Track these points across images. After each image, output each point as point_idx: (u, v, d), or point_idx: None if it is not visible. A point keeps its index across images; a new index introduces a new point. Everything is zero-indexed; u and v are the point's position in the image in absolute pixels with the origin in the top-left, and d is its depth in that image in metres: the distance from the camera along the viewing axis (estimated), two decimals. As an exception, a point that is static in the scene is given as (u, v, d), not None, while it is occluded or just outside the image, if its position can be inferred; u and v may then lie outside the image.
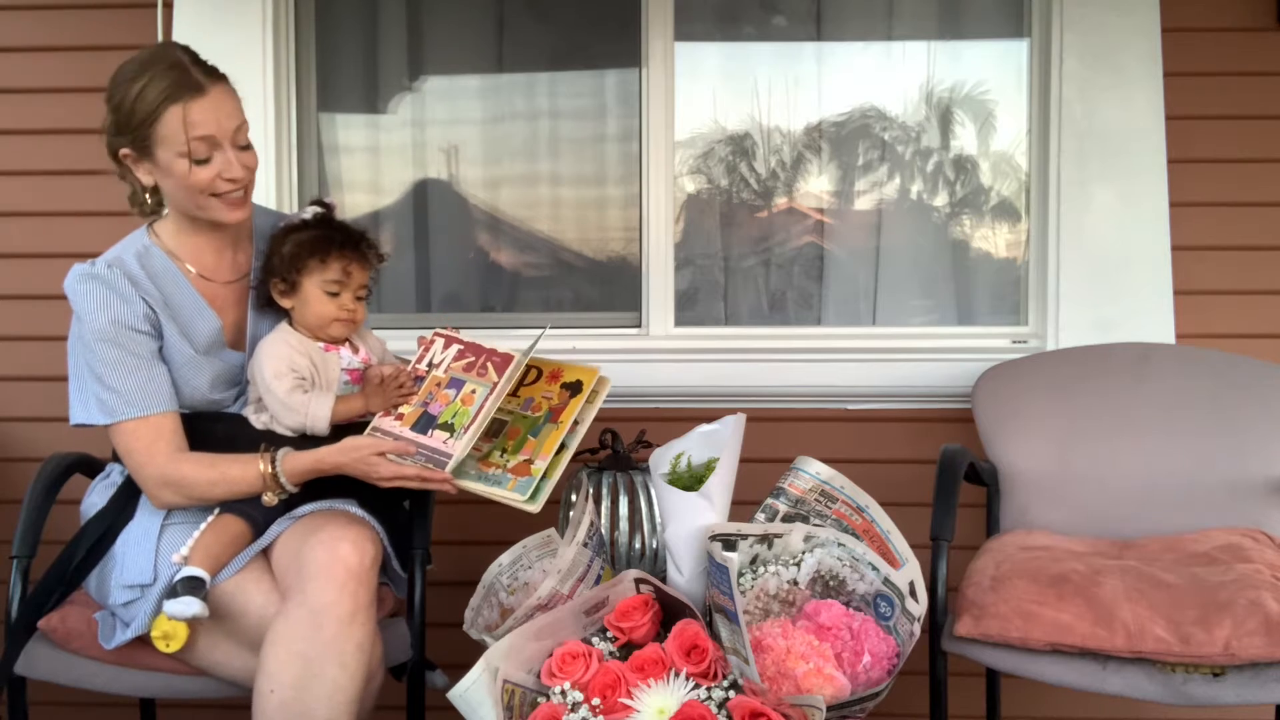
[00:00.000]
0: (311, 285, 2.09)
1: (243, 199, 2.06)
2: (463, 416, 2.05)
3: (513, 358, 2.12)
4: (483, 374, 2.11)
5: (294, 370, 2.06)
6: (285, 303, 2.10)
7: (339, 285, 2.10)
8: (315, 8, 2.99)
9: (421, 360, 2.16)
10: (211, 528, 2.00)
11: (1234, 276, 2.74)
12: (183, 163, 1.98)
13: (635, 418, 2.66)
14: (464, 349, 2.15)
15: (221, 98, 2.00)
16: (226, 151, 2.00)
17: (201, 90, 1.97)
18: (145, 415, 2.00)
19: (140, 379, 2.00)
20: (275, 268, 2.10)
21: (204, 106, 1.97)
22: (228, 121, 2.00)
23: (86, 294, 2.00)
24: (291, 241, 2.10)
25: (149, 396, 2.01)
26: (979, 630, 2.01)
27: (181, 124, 1.96)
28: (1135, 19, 2.72)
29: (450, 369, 2.13)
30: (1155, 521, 2.39)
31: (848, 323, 2.99)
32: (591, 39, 3.05)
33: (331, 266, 2.09)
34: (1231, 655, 1.87)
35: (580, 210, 3.09)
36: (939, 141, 3.02)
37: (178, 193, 2.04)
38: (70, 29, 2.86)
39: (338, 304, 2.10)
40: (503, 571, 2.09)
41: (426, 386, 2.12)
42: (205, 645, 1.97)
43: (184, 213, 2.08)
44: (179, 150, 1.97)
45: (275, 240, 2.12)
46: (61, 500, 2.15)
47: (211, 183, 2.00)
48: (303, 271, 2.08)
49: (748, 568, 1.83)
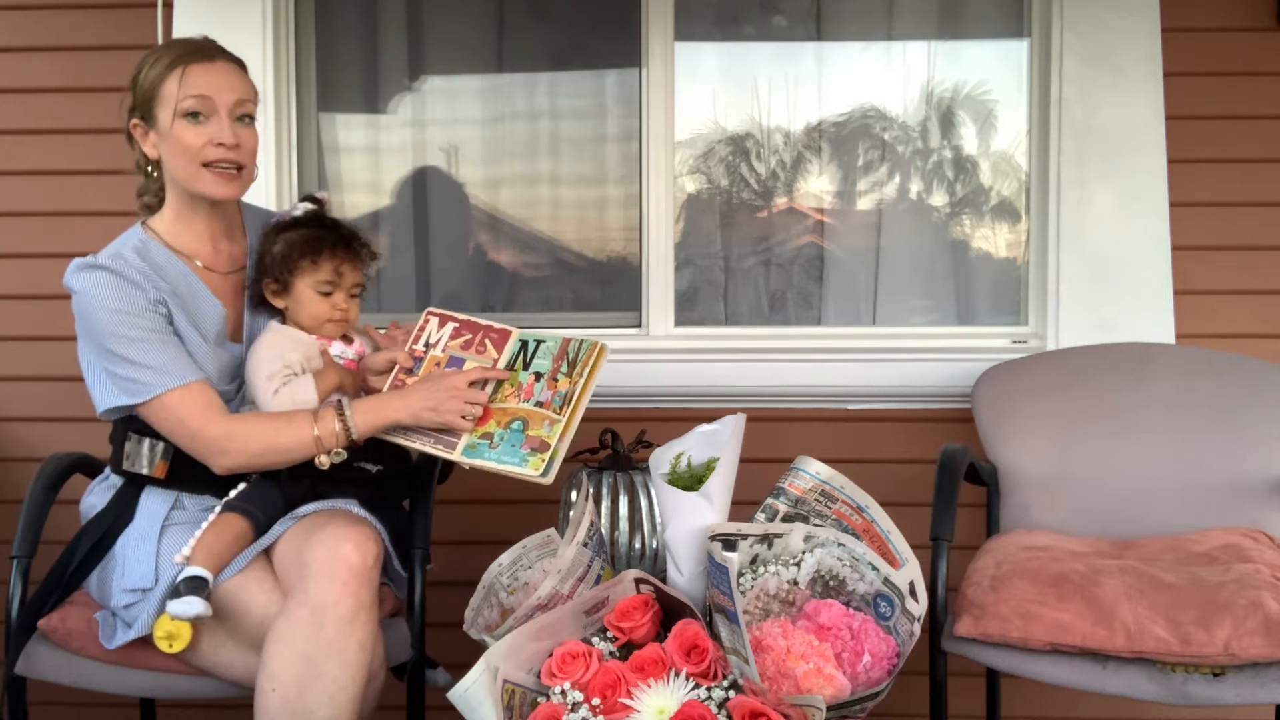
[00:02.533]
0: (304, 285, 2.08)
1: (235, 175, 2.05)
2: None
3: (510, 332, 2.11)
4: (481, 350, 2.11)
5: (287, 367, 2.05)
6: (278, 303, 2.10)
7: (331, 285, 2.09)
8: (315, 8, 2.99)
9: (418, 341, 2.16)
10: (213, 527, 1.99)
11: (1234, 276, 2.74)
12: (178, 122, 2.00)
13: (635, 418, 2.66)
14: (460, 326, 2.15)
15: (227, 69, 2.04)
16: (222, 118, 2.01)
17: (209, 56, 2.03)
18: (186, 383, 1.98)
19: (170, 351, 1.99)
20: (268, 267, 2.09)
21: (206, 69, 2.02)
22: (228, 92, 2.02)
23: (94, 283, 1.99)
24: (283, 241, 2.09)
25: (184, 366, 2.00)
26: (979, 630, 2.01)
27: (180, 83, 2.00)
28: (1135, 19, 2.72)
29: (448, 348, 2.12)
30: (1155, 521, 2.40)
31: (848, 323, 2.99)
32: (591, 39, 3.05)
33: (323, 267, 2.08)
34: (1231, 655, 1.87)
35: (580, 210, 3.09)
36: (939, 141, 3.02)
37: (172, 160, 2.04)
38: (70, 29, 2.86)
39: (330, 304, 2.10)
40: (503, 571, 2.09)
41: (426, 366, 2.11)
42: (207, 645, 1.96)
43: (179, 187, 2.08)
44: (175, 109, 1.99)
45: (266, 239, 2.12)
46: (61, 500, 2.15)
47: (203, 148, 2.01)
48: (295, 272, 2.07)
49: (748, 568, 1.83)
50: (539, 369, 2.07)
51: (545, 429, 2.00)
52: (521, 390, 2.05)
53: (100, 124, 2.07)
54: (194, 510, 2.05)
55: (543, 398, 2.04)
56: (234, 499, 2.04)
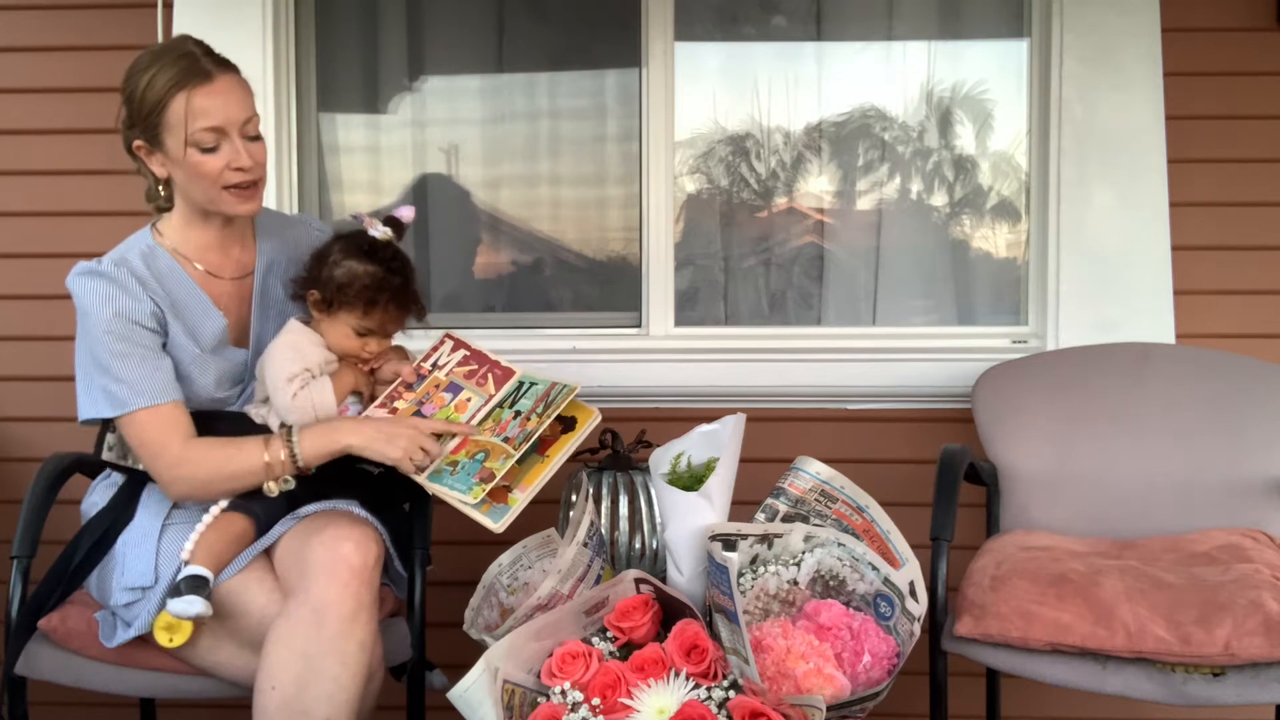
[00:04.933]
0: (346, 319, 2.07)
1: (253, 190, 2.04)
2: (453, 421, 2.07)
3: (514, 372, 2.13)
4: (482, 384, 2.12)
5: (307, 369, 2.05)
6: (316, 313, 2.09)
7: (371, 334, 2.09)
8: (315, 8, 2.99)
9: (428, 359, 2.17)
10: (214, 526, 1.99)
11: (1234, 276, 2.74)
12: (191, 151, 1.97)
13: (635, 418, 2.66)
14: (469, 355, 2.16)
15: (230, 86, 2.00)
16: (235, 141, 1.99)
17: (209, 77, 1.97)
18: (156, 405, 1.99)
19: (148, 369, 1.99)
20: (321, 281, 2.07)
21: (211, 93, 1.97)
22: (236, 111, 1.99)
23: (91, 289, 1.99)
24: (347, 269, 2.05)
25: (157, 386, 2.00)
26: (979, 630, 2.01)
27: (186, 111, 1.96)
28: (1135, 19, 2.71)
29: (452, 373, 2.14)
30: (1155, 521, 2.40)
31: (848, 323, 2.99)
32: (591, 39, 3.05)
33: (373, 317, 2.07)
34: (1231, 655, 1.87)
35: (580, 210, 3.09)
36: (939, 141, 3.02)
37: (189, 184, 2.03)
38: (70, 29, 2.86)
39: (362, 344, 2.10)
40: (503, 571, 2.09)
41: (425, 386, 2.12)
42: (207, 644, 1.96)
43: (195, 205, 2.07)
44: (186, 138, 1.97)
45: (332, 250, 2.08)
46: (61, 500, 2.15)
47: (221, 173, 2.00)
48: (343, 306, 2.06)
49: (748, 568, 1.83)
50: (521, 408, 2.09)
51: (499, 462, 2.01)
52: (499, 426, 2.07)
53: (101, 124, 2.06)
54: (195, 509, 2.05)
55: (511, 433, 2.05)
56: (236, 498, 2.04)
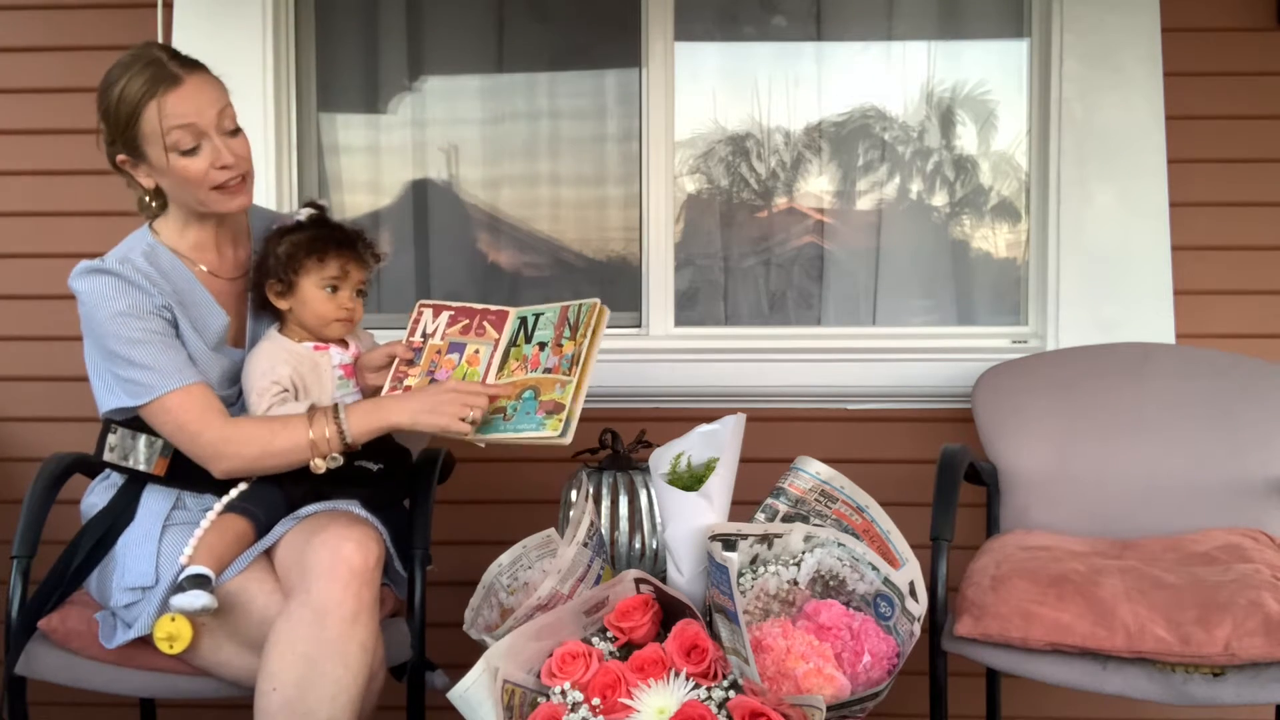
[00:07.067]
0: (309, 284, 2.08)
1: (241, 185, 2.05)
2: (472, 377, 2.04)
3: (508, 312, 2.11)
4: (481, 333, 2.11)
5: (276, 383, 2.06)
6: (282, 304, 2.10)
7: (337, 282, 2.09)
8: (315, 8, 2.99)
9: (414, 333, 2.16)
10: (214, 527, 1.99)
11: (1234, 276, 2.74)
12: (173, 157, 1.97)
13: (635, 418, 2.66)
14: (455, 314, 2.15)
15: (199, 85, 1.99)
16: (213, 139, 1.99)
17: (177, 81, 1.97)
18: (187, 385, 1.99)
19: (172, 353, 1.99)
20: (271, 269, 2.09)
21: (181, 96, 1.97)
22: (209, 109, 1.99)
23: (100, 286, 1.99)
24: (287, 242, 2.09)
25: (185, 369, 2.00)
26: (979, 630, 2.01)
27: (160, 118, 1.96)
28: (1135, 19, 2.72)
29: (447, 335, 2.13)
30: (1155, 521, 2.40)
31: (848, 323, 2.99)
32: (591, 39, 3.05)
33: (329, 264, 2.08)
34: (1231, 655, 1.87)
35: (580, 210, 3.09)
36: (939, 141, 3.02)
37: (178, 190, 2.03)
38: (70, 29, 2.86)
39: (336, 302, 2.10)
40: (503, 571, 2.09)
41: (427, 356, 2.11)
42: (207, 645, 1.96)
43: (187, 209, 2.07)
44: (165, 145, 1.97)
45: (269, 242, 2.11)
46: (61, 500, 2.15)
47: (206, 174, 2.00)
48: (300, 271, 2.07)
49: (748, 568, 1.83)
50: (542, 339, 2.07)
51: (558, 391, 1.99)
52: (528, 362, 2.05)
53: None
54: (195, 510, 2.05)
55: (550, 364, 2.03)
56: (235, 499, 2.04)
